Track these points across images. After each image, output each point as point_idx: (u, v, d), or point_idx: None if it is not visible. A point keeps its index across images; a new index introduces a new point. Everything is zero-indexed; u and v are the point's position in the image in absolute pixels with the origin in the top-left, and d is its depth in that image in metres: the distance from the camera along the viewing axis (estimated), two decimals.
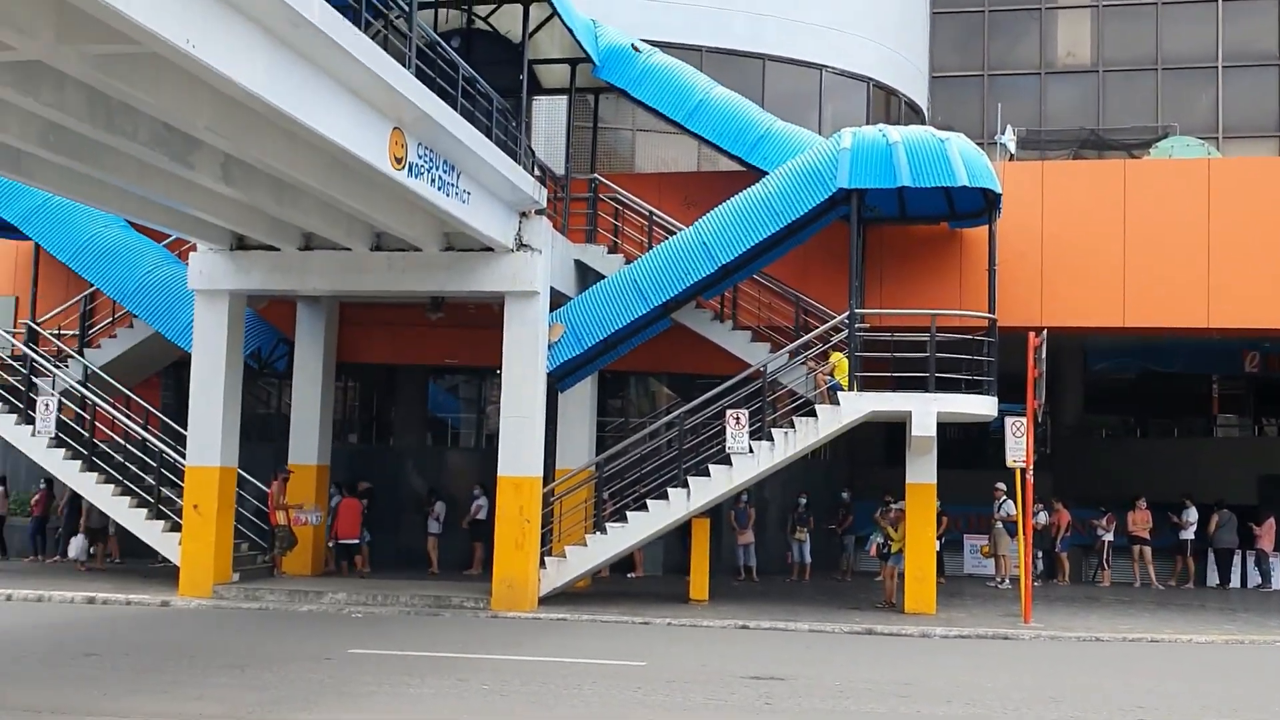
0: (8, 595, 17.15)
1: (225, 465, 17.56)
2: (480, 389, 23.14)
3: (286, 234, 16.73)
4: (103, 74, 9.71)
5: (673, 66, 19.82)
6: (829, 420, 16.62)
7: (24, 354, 19.77)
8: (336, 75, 11.58)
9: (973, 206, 18.50)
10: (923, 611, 16.82)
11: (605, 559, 17.64)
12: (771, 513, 22.14)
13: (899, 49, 25.45)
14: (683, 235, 17.72)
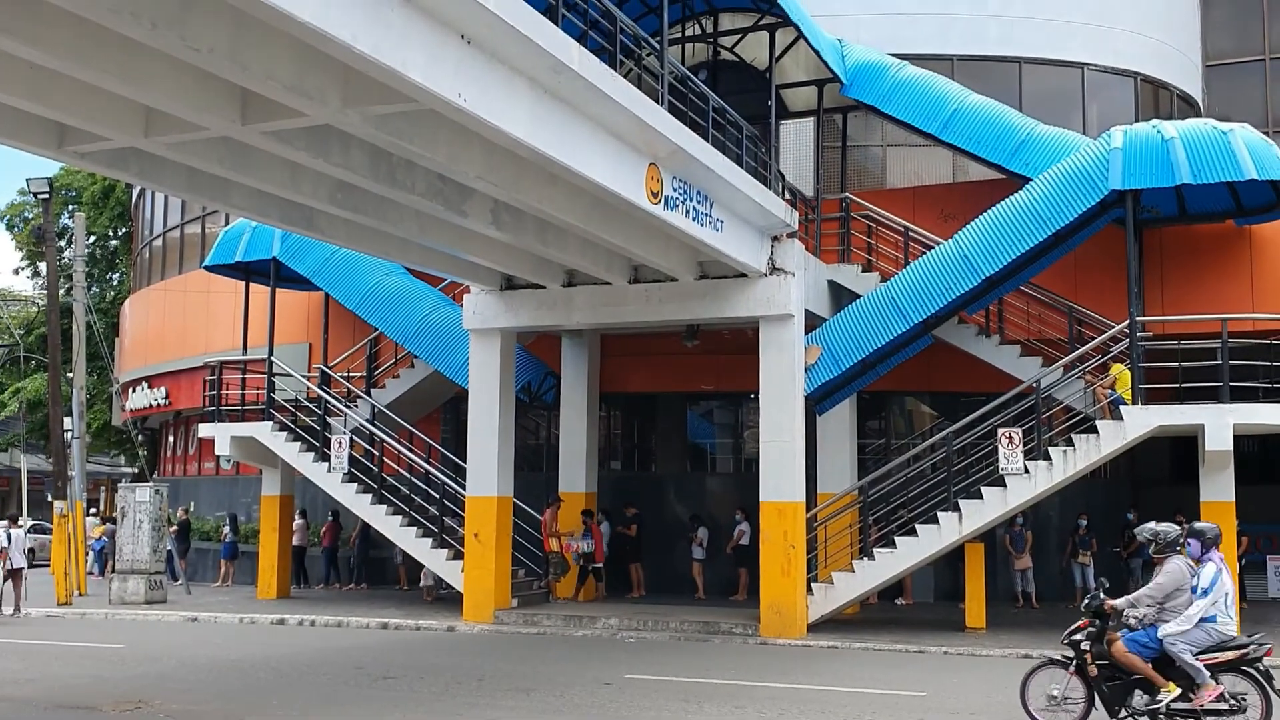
0: (311, 620, 18.52)
1: (502, 495, 18.36)
2: (737, 414, 23.24)
3: (551, 272, 17.40)
4: (384, 132, 10.41)
5: (924, 78, 19.39)
6: (1111, 436, 15.69)
7: (318, 396, 21.39)
8: (594, 117, 11.97)
9: (1262, 201, 17.13)
10: None
11: (874, 585, 17.27)
12: (1050, 536, 21.10)
13: (1167, 39, 23.93)
14: (942, 249, 17.23)
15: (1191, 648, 9.19)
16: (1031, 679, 9.88)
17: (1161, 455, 22.89)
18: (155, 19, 7.91)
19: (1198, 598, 9.28)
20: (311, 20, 7.95)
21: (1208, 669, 9.13)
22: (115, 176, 12.90)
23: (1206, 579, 9.33)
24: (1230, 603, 9.32)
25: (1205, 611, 9.24)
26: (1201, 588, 9.31)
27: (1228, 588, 9.34)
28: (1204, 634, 9.20)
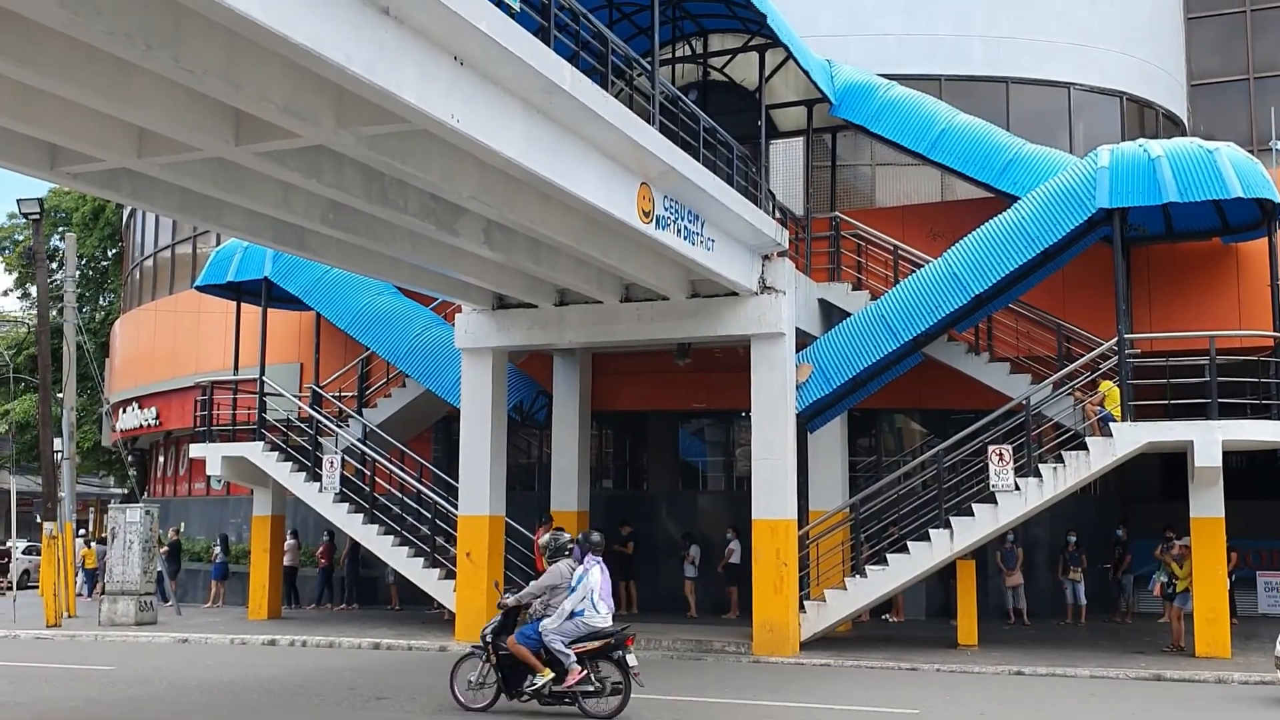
0: (303, 641, 18.45)
1: (494, 514, 18.34)
2: (728, 432, 23.28)
3: (543, 291, 17.45)
4: (377, 153, 10.45)
5: (912, 98, 19.54)
6: (1101, 453, 15.77)
7: (310, 416, 21.37)
8: (586, 137, 12.05)
9: (1248, 218, 17.28)
10: (1216, 655, 15.61)
11: (866, 603, 17.30)
12: (1040, 553, 21.15)
13: (1152, 59, 24.16)
14: (931, 267, 17.34)
15: (563, 638, 10.83)
16: (458, 667, 11.70)
17: (1151, 472, 23.00)
18: (149, 40, 7.95)
19: (568, 595, 10.89)
20: (305, 42, 8.00)
21: (578, 656, 10.82)
22: (107, 197, 12.92)
23: (575, 578, 11.02)
24: (599, 599, 10.89)
25: (576, 606, 10.83)
26: (570, 585, 11.00)
27: (593, 585, 10.90)
28: (574, 626, 10.86)
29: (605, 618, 10.98)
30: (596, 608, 10.86)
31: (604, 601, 10.93)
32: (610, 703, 10.91)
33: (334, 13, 8.26)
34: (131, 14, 7.79)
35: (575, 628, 10.86)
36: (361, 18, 8.54)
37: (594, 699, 10.94)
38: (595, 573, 10.97)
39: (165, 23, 8.05)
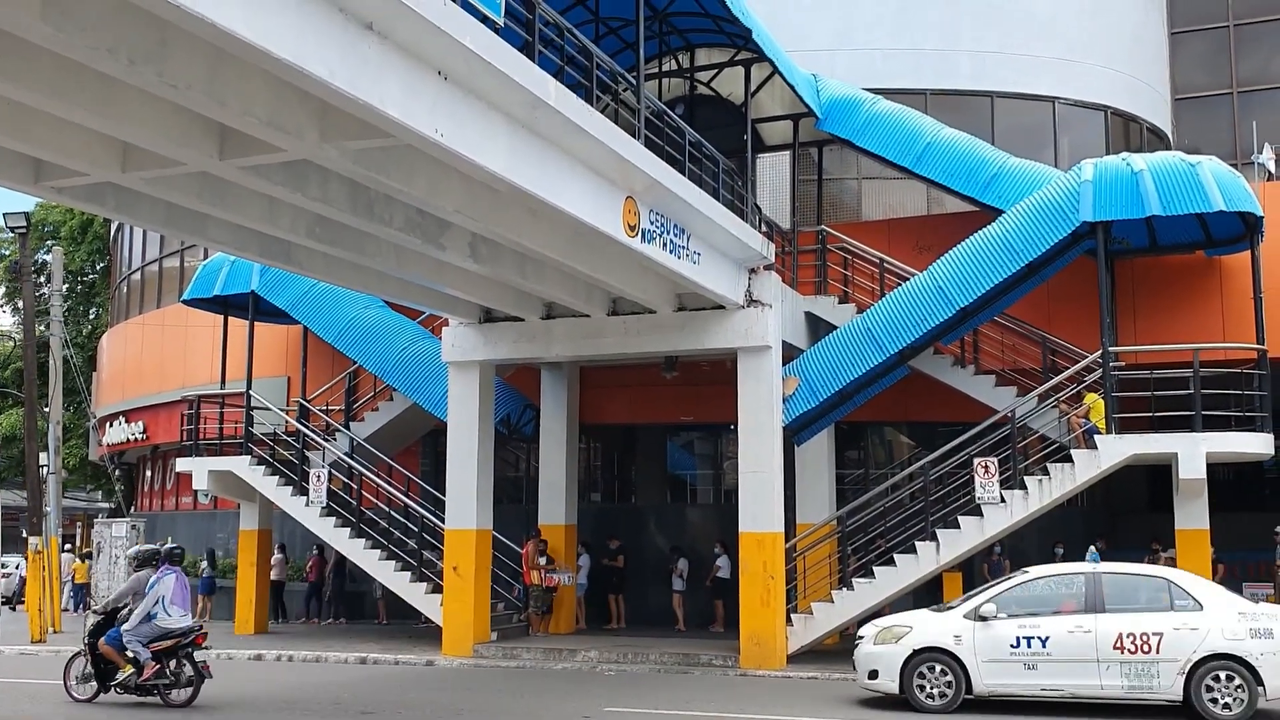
0: (289, 656, 18.38)
1: (481, 528, 18.32)
2: (716, 445, 23.30)
3: (530, 305, 17.47)
4: (362, 167, 10.48)
5: (897, 112, 19.64)
6: (1086, 465, 15.83)
7: (296, 430, 21.33)
8: (571, 151, 12.09)
9: (1231, 232, 17.38)
10: None
11: (853, 616, 17.28)
12: (1028, 564, 21.12)
13: (1136, 74, 24.34)
14: (917, 280, 17.41)
15: (140, 638, 12.63)
16: (71, 664, 13.47)
17: (1137, 483, 23.07)
18: (133, 56, 7.97)
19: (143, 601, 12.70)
20: (288, 57, 8.03)
21: (155, 654, 12.63)
22: (92, 211, 12.93)
23: (148, 585, 12.82)
24: (170, 604, 12.70)
25: (149, 610, 12.65)
26: (138, 592, 12.90)
27: (164, 592, 12.68)
28: (150, 628, 12.66)
29: (178, 620, 12.79)
30: (169, 611, 12.71)
31: (176, 606, 12.75)
32: (184, 693, 12.77)
33: (317, 28, 8.29)
34: (115, 30, 7.81)
35: (151, 629, 12.67)
36: (345, 33, 8.58)
37: (172, 690, 12.79)
38: (168, 580, 12.76)
39: (149, 38, 8.07)
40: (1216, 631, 11.78)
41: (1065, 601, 12.45)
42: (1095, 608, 12.20)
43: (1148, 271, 18.61)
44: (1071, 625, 12.14)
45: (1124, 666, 11.89)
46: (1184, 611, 11.99)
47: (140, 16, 7.86)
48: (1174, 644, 11.82)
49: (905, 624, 13.08)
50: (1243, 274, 17.33)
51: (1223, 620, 11.86)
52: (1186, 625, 11.86)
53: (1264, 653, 11.59)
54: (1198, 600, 12.10)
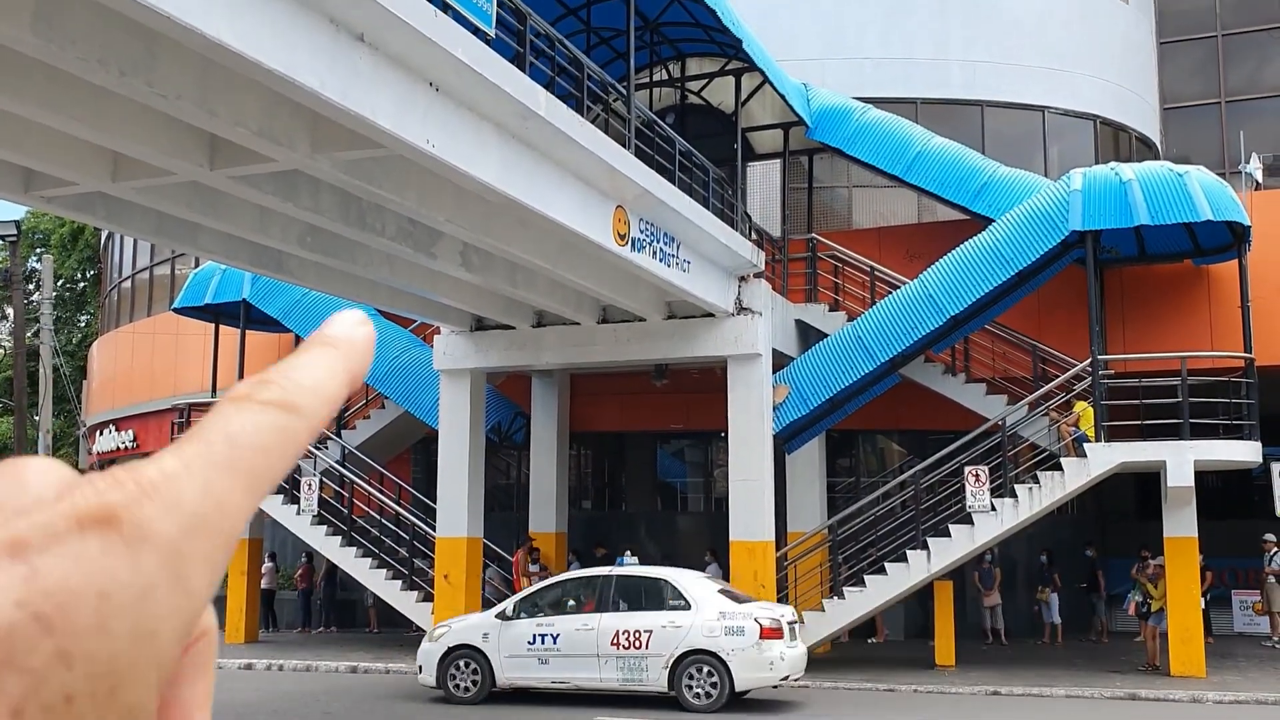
0: (280, 665, 18.34)
1: (472, 535, 18.31)
2: (707, 453, 23.32)
3: (521, 313, 17.50)
4: (353, 177, 10.51)
5: (887, 121, 19.71)
6: (1076, 474, 15.89)
7: None
8: (562, 161, 12.12)
9: (1219, 241, 17.48)
10: (1191, 674, 15.69)
11: (844, 624, 17.33)
12: (1019, 573, 21.24)
13: (1125, 83, 24.46)
14: (907, 289, 17.46)
15: None
16: None
17: (1127, 491, 23.13)
18: (123, 66, 7.99)
19: None
20: (278, 68, 8.05)
21: None
22: (82, 220, 12.94)
23: None
24: None
25: None
26: None
27: None
28: None
29: None
30: None
31: None
32: None
33: (308, 39, 8.31)
34: (104, 41, 7.83)
35: None
36: (336, 44, 8.60)
37: None
38: None
39: (138, 49, 8.08)
40: (698, 629, 12.88)
41: (587, 601, 13.61)
42: (606, 607, 13.33)
43: (1136, 280, 18.70)
44: (579, 623, 13.31)
45: (619, 660, 13.06)
46: (675, 611, 13.09)
47: (130, 27, 7.87)
48: (661, 640, 12.95)
49: (447, 624, 14.31)
50: (1230, 283, 17.43)
51: (704, 619, 12.92)
52: (673, 623, 12.97)
53: (734, 649, 12.92)
54: (689, 600, 13.14)
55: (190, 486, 0.37)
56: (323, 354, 0.44)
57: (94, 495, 0.35)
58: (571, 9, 17.60)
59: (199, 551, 0.36)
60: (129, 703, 0.33)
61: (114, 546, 0.34)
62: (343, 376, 0.44)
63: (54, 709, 0.31)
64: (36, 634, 0.31)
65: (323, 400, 0.42)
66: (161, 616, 0.34)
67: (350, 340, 0.46)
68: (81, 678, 0.32)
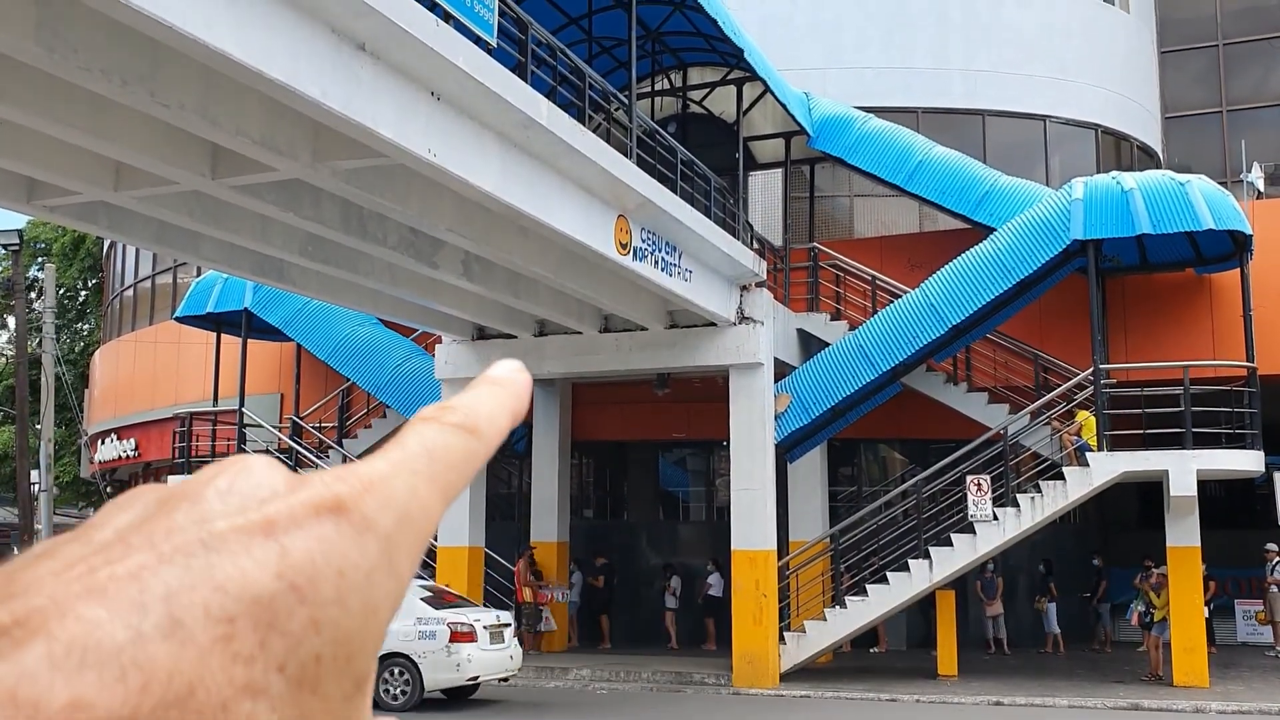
0: None
1: (473, 545, 18.29)
2: (709, 462, 23.29)
3: (522, 322, 17.50)
4: (355, 186, 10.51)
5: (889, 130, 19.73)
6: (1078, 483, 15.86)
7: (289, 447, 21.29)
8: (563, 170, 12.13)
9: (1220, 250, 17.47)
10: (1195, 684, 15.65)
11: (846, 634, 17.28)
12: (1021, 582, 21.18)
13: (1126, 92, 24.48)
14: (909, 298, 17.46)
15: None
16: None
17: (1129, 500, 23.11)
18: (125, 76, 8.00)
19: None
20: (281, 77, 8.06)
21: None
22: (84, 229, 12.96)
23: None
24: None
25: None
26: None
27: None
28: None
29: None
30: None
31: None
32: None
33: (310, 49, 8.32)
34: (107, 51, 7.85)
35: None
36: (338, 54, 8.62)
37: None
38: None
39: (141, 59, 8.10)
40: (394, 635, 13.29)
41: None
42: None
43: (1138, 289, 18.70)
44: None
45: None
46: None
47: (132, 37, 7.89)
48: None
49: None
50: (1232, 292, 17.42)
51: (401, 625, 13.52)
52: None
53: (425, 652, 13.81)
54: None
55: (400, 486, 0.41)
56: (493, 390, 0.49)
57: (324, 487, 0.40)
58: (573, 18, 17.63)
59: (407, 543, 0.40)
60: (358, 671, 0.38)
61: (345, 532, 0.38)
62: (510, 412, 0.49)
63: (307, 667, 0.36)
64: (294, 602, 0.36)
65: (497, 429, 0.47)
66: (381, 596, 0.39)
67: (513, 381, 0.50)
68: (328, 642, 0.37)
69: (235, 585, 0.36)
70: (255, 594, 0.36)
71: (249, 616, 0.36)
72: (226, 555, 0.37)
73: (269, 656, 0.36)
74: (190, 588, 0.35)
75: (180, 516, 0.38)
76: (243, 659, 0.35)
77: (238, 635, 0.35)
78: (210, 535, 0.37)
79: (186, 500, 0.39)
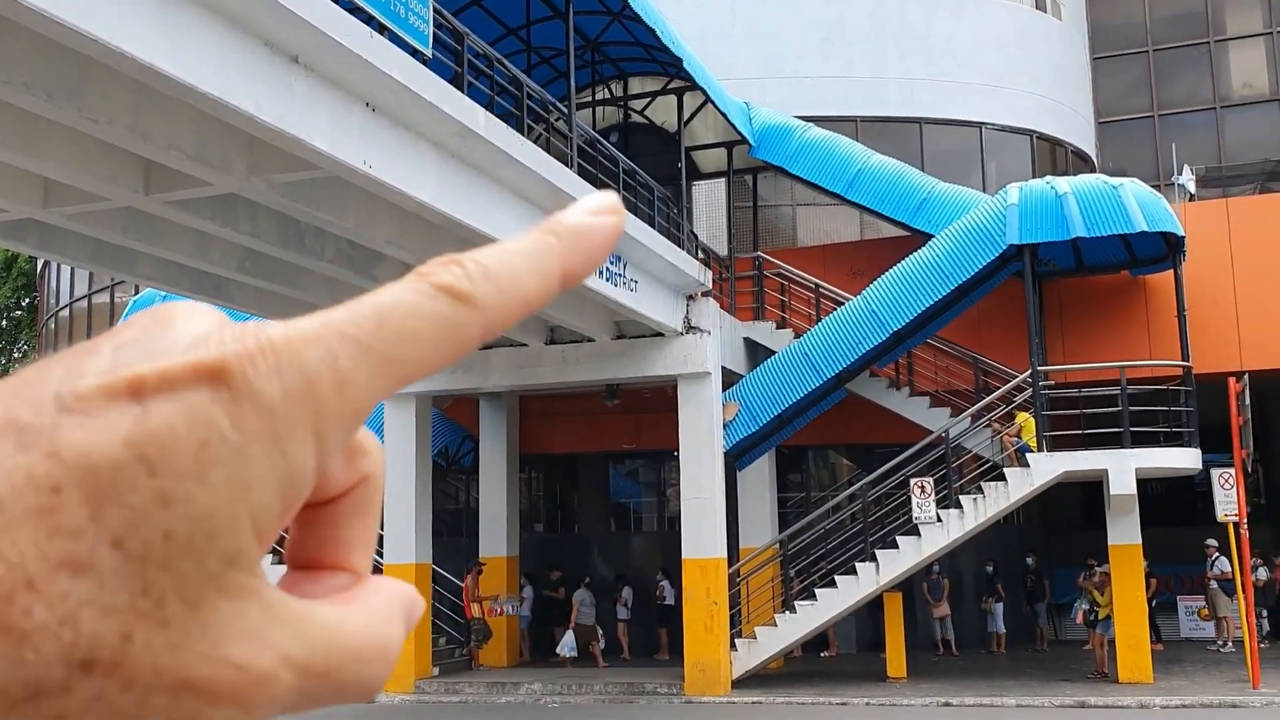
0: None
1: (420, 562, 18.12)
2: (659, 472, 23.30)
3: None
4: (291, 200, 10.41)
5: (828, 139, 19.91)
6: (1019, 484, 16.06)
7: None
8: (503, 180, 12.10)
9: (1154, 252, 17.80)
10: (1139, 681, 15.88)
11: (796, 639, 17.34)
12: (967, 583, 21.40)
13: (1060, 98, 24.92)
14: (851, 305, 17.61)
15: None
16: None
17: (1073, 499, 23.44)
18: (51, 90, 7.87)
19: None
20: (213, 91, 7.97)
21: None
22: (14, 248, 12.72)
23: None
24: None
25: None
26: None
27: None
28: None
29: None
30: None
31: None
32: None
33: (242, 62, 8.24)
34: (33, 65, 7.71)
35: None
36: (270, 67, 8.53)
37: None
38: None
39: (69, 73, 7.97)
40: None
41: None
42: None
43: (1074, 292, 19.00)
44: None
45: None
46: None
47: (59, 51, 7.75)
48: None
49: None
50: (1166, 293, 17.76)
51: None
52: None
53: None
54: None
55: (313, 354, 0.36)
56: (537, 244, 0.41)
57: (216, 347, 0.35)
58: (511, 29, 17.62)
59: (302, 420, 0.36)
60: (224, 548, 0.34)
61: (220, 399, 0.35)
62: (551, 277, 0.41)
63: (152, 544, 0.33)
64: (140, 474, 0.33)
65: (510, 296, 0.40)
66: (255, 474, 0.35)
67: (580, 231, 0.42)
68: (180, 518, 0.33)
69: (72, 452, 0.33)
70: (93, 462, 0.33)
71: (80, 486, 0.33)
72: (78, 417, 0.33)
73: (101, 530, 0.33)
74: (21, 451, 0.33)
75: (59, 369, 0.35)
76: (64, 532, 0.32)
77: (64, 507, 0.33)
78: (69, 393, 0.34)
79: (87, 352, 0.35)
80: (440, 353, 0.39)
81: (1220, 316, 18.15)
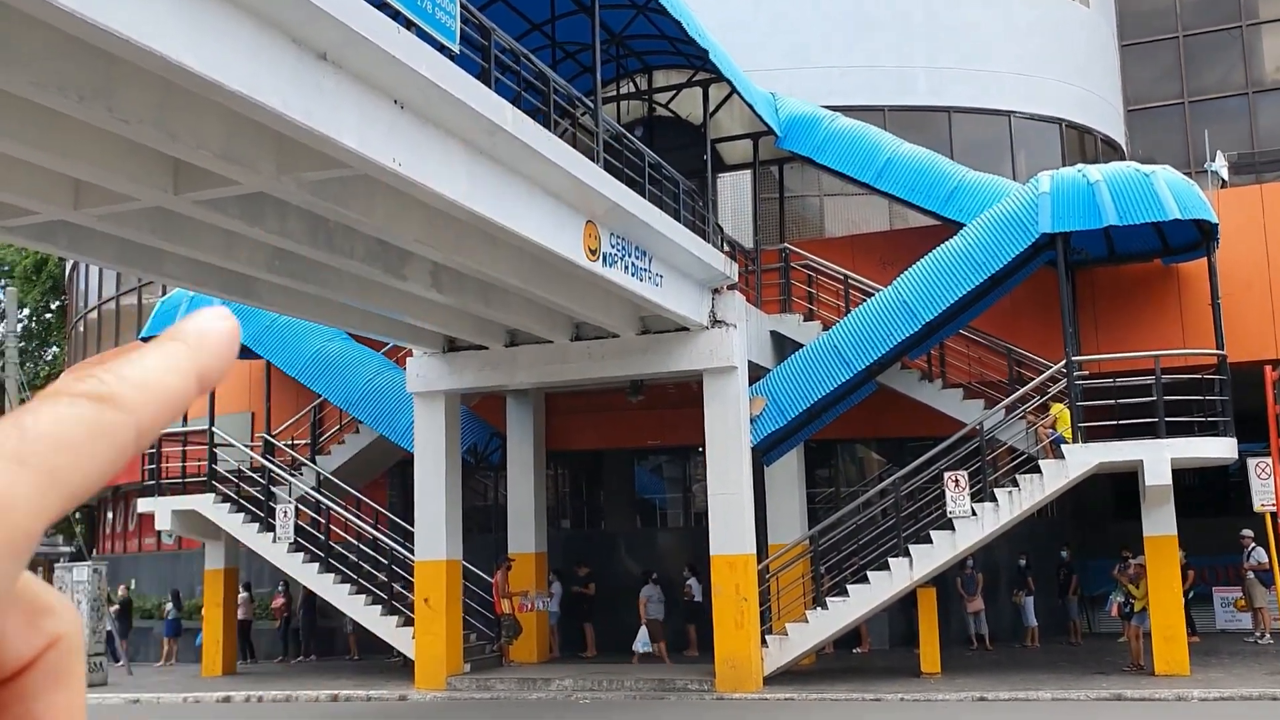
0: (259, 697, 18.07)
1: (451, 558, 18.12)
2: (685, 468, 23.20)
3: (493, 332, 17.36)
4: (320, 198, 10.35)
5: (856, 129, 19.74)
6: (1054, 476, 15.87)
7: (261, 465, 21.04)
8: (530, 177, 12.03)
9: (1187, 239, 17.57)
10: (1176, 673, 15.68)
11: (828, 635, 17.22)
12: (1001, 577, 21.20)
13: (1090, 86, 24.65)
14: (881, 296, 17.44)
15: None
16: None
17: (1106, 491, 23.20)
18: (81, 91, 7.84)
19: None
20: (241, 89, 7.92)
21: None
22: (44, 250, 12.72)
23: None
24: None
25: None
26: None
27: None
28: None
29: None
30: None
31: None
32: None
33: (270, 58, 8.19)
34: (62, 65, 7.68)
35: None
36: (299, 63, 8.48)
37: None
38: None
39: (97, 73, 7.93)
40: None
41: None
42: None
43: (1107, 281, 18.78)
44: None
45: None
46: None
47: (87, 51, 7.72)
48: None
49: None
50: (1200, 281, 17.52)
51: None
52: None
53: None
54: None
55: None
56: (166, 348, 0.41)
57: None
58: (536, 24, 17.55)
59: None
60: None
61: None
62: (187, 373, 0.41)
63: None
64: None
65: (152, 396, 0.39)
66: None
67: (202, 335, 0.42)
68: None
69: None
70: None
71: None
72: None
73: None
74: None
75: None
76: None
77: None
78: None
79: None
80: (99, 457, 0.38)
81: (1255, 304, 17.90)
